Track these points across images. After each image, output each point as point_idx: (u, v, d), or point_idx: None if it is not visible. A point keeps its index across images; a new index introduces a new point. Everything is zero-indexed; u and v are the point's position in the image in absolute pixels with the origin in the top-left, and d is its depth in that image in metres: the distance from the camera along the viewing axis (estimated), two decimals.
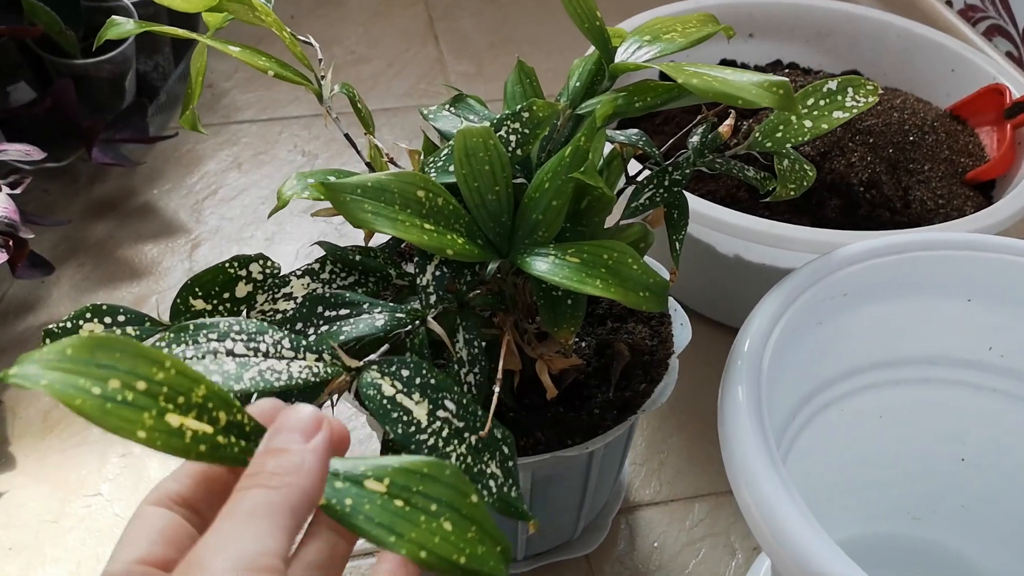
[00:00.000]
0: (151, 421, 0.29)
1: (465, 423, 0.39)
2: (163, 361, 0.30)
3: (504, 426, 0.40)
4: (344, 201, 0.41)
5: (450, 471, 0.32)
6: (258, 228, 0.91)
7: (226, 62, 1.12)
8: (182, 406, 0.30)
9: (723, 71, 0.43)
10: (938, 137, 0.79)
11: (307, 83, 0.51)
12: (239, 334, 0.37)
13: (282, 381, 0.36)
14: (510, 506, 0.38)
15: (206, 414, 0.30)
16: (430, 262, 0.44)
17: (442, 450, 0.38)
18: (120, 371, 0.29)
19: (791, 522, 0.40)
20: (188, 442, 0.30)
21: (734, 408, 0.45)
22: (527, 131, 0.47)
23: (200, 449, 0.30)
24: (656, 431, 0.74)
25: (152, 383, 0.30)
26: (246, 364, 0.36)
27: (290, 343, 0.38)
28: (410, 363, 0.39)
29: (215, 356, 0.36)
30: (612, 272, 0.43)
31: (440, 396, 0.39)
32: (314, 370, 0.37)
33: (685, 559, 0.65)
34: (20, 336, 0.79)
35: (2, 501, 0.67)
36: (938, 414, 0.58)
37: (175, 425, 0.29)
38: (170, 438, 0.29)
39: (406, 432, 0.37)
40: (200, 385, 0.31)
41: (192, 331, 0.36)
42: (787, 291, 0.50)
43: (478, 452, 0.39)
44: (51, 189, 0.93)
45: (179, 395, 0.30)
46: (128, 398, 0.29)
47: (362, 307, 0.43)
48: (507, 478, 0.39)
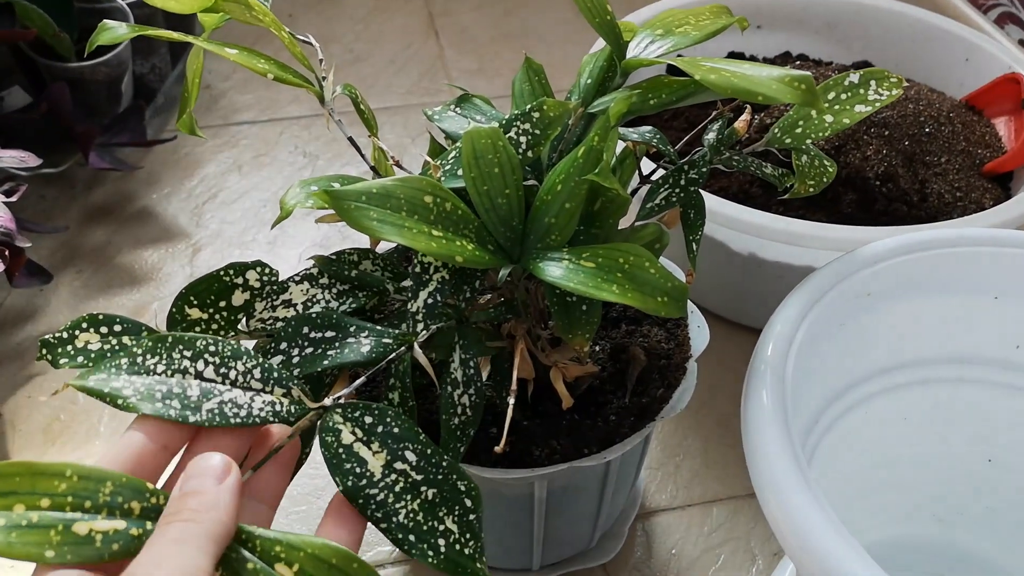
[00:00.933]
0: (58, 537, 0.30)
1: (424, 475, 0.38)
2: (63, 471, 0.31)
3: (468, 478, 0.38)
4: (348, 209, 0.39)
5: (357, 564, 0.33)
6: (260, 232, 0.90)
7: (224, 62, 1.11)
8: (90, 510, 0.31)
9: (741, 66, 0.42)
10: (954, 128, 0.77)
11: (308, 85, 0.49)
12: (213, 355, 0.37)
13: (239, 418, 0.36)
14: (459, 566, 0.37)
15: (117, 509, 0.31)
16: (424, 287, 0.43)
17: (391, 506, 0.37)
18: (22, 494, 0.30)
19: (819, 529, 0.39)
20: (99, 546, 0.30)
21: (759, 413, 0.43)
22: (538, 132, 0.45)
23: (113, 548, 0.31)
24: (671, 434, 0.72)
25: (55, 497, 0.30)
26: (210, 392, 0.36)
27: (260, 373, 0.38)
28: (375, 410, 0.38)
29: (183, 376, 0.36)
30: (629, 277, 0.41)
31: (401, 446, 0.38)
32: (276, 408, 0.37)
33: (704, 566, 0.64)
34: (19, 347, 0.77)
35: None
36: (965, 415, 0.56)
37: (83, 533, 0.30)
38: (80, 548, 0.30)
39: (356, 485, 0.37)
40: (106, 483, 0.32)
41: (169, 344, 0.37)
42: (810, 292, 0.49)
43: (432, 507, 0.37)
44: (47, 195, 0.92)
45: (85, 500, 0.31)
46: (33, 520, 0.30)
47: (348, 331, 0.42)
48: (464, 533, 0.37)
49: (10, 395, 0.73)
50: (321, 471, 0.68)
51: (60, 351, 0.43)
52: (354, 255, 0.47)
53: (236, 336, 0.45)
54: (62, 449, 0.69)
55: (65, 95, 0.84)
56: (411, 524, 0.37)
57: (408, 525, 0.37)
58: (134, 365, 0.36)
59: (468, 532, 0.37)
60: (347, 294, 0.46)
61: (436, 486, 0.38)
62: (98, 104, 0.91)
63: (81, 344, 0.43)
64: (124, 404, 0.34)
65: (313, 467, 0.69)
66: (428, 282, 0.42)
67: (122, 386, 0.35)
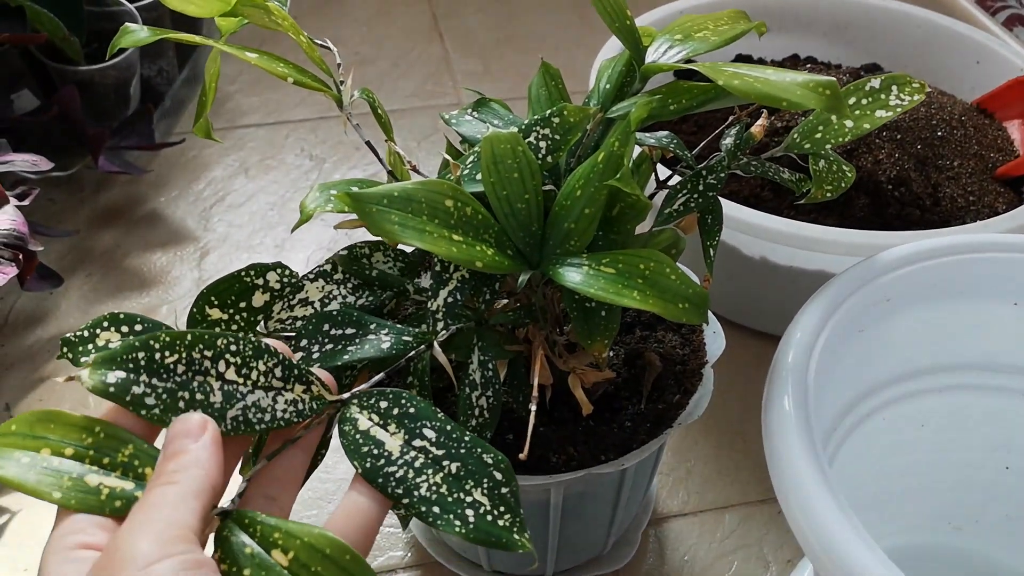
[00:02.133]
0: (69, 482, 0.32)
1: (445, 450, 0.37)
2: (93, 427, 0.34)
3: (495, 452, 0.38)
4: (370, 212, 0.39)
5: (350, 556, 0.33)
6: (267, 235, 0.90)
7: (229, 65, 1.10)
8: (107, 466, 0.33)
9: (764, 71, 0.42)
10: (966, 132, 0.77)
11: (327, 90, 0.49)
12: (234, 356, 0.37)
13: (264, 423, 0.36)
14: (491, 536, 0.36)
15: (131, 471, 0.34)
16: (444, 286, 0.42)
17: (412, 481, 0.36)
18: (51, 440, 0.33)
19: (842, 533, 0.39)
20: (103, 499, 0.33)
21: (781, 419, 0.43)
22: (558, 137, 0.45)
23: (115, 505, 0.33)
24: (682, 439, 0.72)
25: (79, 448, 0.33)
26: (232, 397, 0.36)
27: (282, 371, 0.37)
28: (389, 394, 0.38)
29: (204, 377, 0.36)
30: (649, 283, 0.41)
31: (418, 425, 0.38)
32: (298, 406, 0.37)
33: (717, 572, 0.64)
34: (29, 349, 0.77)
35: (16, 521, 0.65)
36: (983, 422, 0.56)
37: (93, 484, 0.33)
38: (85, 496, 0.32)
39: (374, 466, 0.37)
40: (127, 445, 0.34)
41: (189, 342, 0.36)
42: (829, 298, 0.48)
43: (458, 480, 0.37)
44: (57, 198, 0.91)
45: (104, 456, 0.34)
46: (53, 464, 0.33)
47: (369, 328, 0.42)
48: (497, 506, 0.36)
49: (22, 398, 0.73)
50: (332, 474, 0.68)
51: (81, 350, 0.43)
52: (365, 248, 0.47)
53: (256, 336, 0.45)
54: None
55: (75, 98, 0.84)
56: (434, 496, 0.36)
57: (431, 498, 0.36)
58: (152, 362, 0.35)
59: (502, 505, 0.37)
60: (362, 288, 0.46)
61: (459, 460, 0.37)
62: (107, 107, 0.91)
63: (102, 343, 0.43)
64: (149, 415, 0.34)
65: (324, 471, 0.69)
66: (448, 281, 0.42)
67: (143, 392, 0.34)
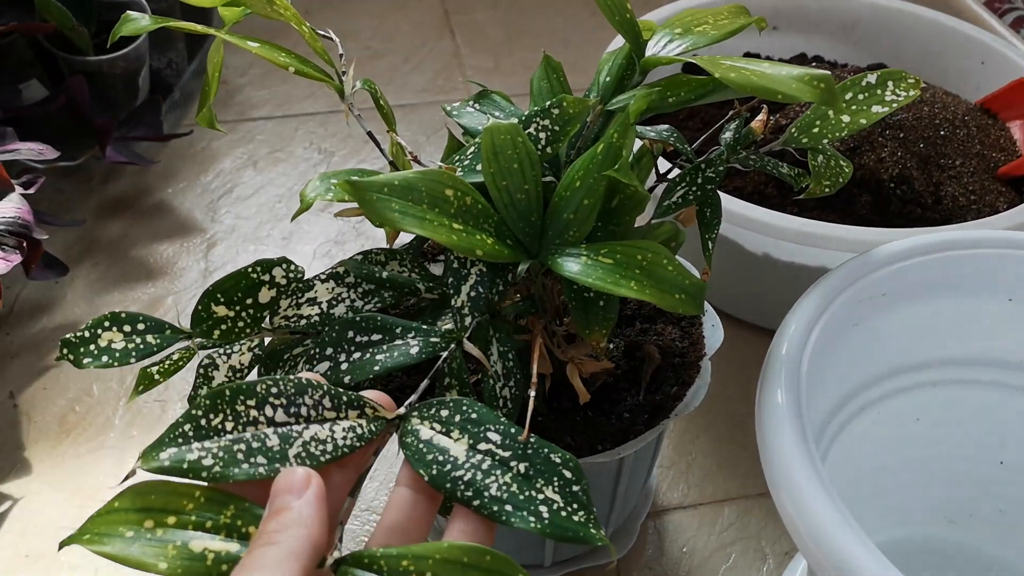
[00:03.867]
0: (174, 551, 0.32)
1: (512, 452, 0.37)
2: (193, 492, 0.33)
3: (562, 451, 0.37)
4: (371, 200, 0.40)
5: (490, 556, 0.32)
6: (275, 227, 0.90)
7: (240, 57, 1.11)
8: (211, 529, 0.33)
9: (760, 64, 0.42)
10: (969, 131, 0.77)
11: (328, 79, 0.49)
12: (278, 397, 0.36)
13: (328, 455, 0.36)
14: (567, 531, 0.36)
15: (235, 532, 0.33)
16: (464, 282, 0.43)
17: (480, 483, 0.36)
18: (154, 511, 0.32)
19: (833, 526, 0.39)
20: (210, 564, 0.32)
21: (774, 412, 0.44)
22: (557, 128, 0.46)
23: (222, 569, 0.32)
24: (683, 433, 0.72)
25: (181, 515, 0.33)
26: (288, 437, 0.35)
27: (331, 402, 0.37)
28: (449, 403, 0.38)
29: (256, 427, 0.35)
30: (647, 273, 0.41)
31: (482, 429, 0.38)
32: (358, 431, 0.37)
33: (715, 564, 0.64)
34: (34, 338, 0.78)
35: (18, 507, 0.66)
36: (977, 417, 0.56)
37: (197, 550, 0.32)
38: (192, 563, 0.32)
39: (441, 472, 0.36)
40: (229, 506, 0.33)
41: (228, 398, 0.35)
42: (825, 291, 0.49)
43: (527, 479, 0.36)
44: (64, 188, 0.92)
45: (207, 520, 0.33)
46: (157, 535, 0.32)
47: (395, 332, 0.42)
48: (570, 503, 0.36)
49: (26, 386, 0.74)
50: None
51: (83, 351, 0.43)
52: (381, 255, 0.47)
53: (260, 333, 0.45)
54: (76, 441, 0.70)
55: (83, 89, 0.84)
56: (505, 496, 0.36)
57: (502, 497, 0.36)
58: (200, 429, 0.34)
59: (575, 502, 0.36)
60: (373, 293, 0.46)
61: (527, 460, 0.37)
62: (115, 98, 0.92)
63: (104, 343, 0.43)
64: (211, 475, 0.34)
65: None
66: (467, 276, 0.43)
67: (198, 456, 0.34)
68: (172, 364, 0.45)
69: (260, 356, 0.46)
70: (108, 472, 0.68)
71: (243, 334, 0.44)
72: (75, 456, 0.69)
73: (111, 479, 0.67)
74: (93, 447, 0.70)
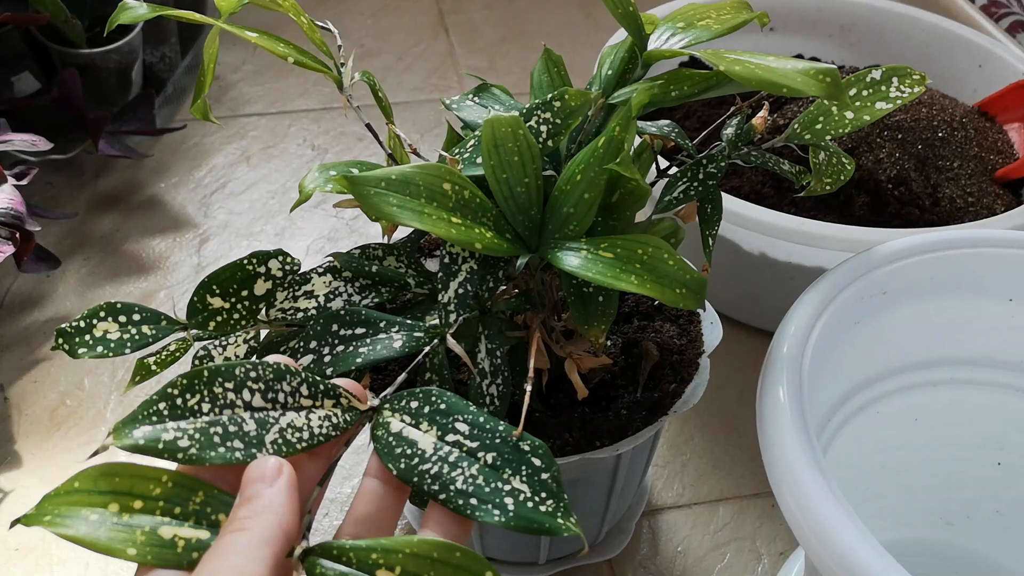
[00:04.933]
0: (142, 537, 0.31)
1: (480, 442, 0.36)
2: (160, 476, 0.32)
3: (533, 436, 0.37)
4: (368, 194, 0.39)
5: (459, 553, 0.32)
6: (267, 223, 0.90)
7: (233, 54, 1.10)
8: (179, 516, 0.32)
9: (765, 58, 0.42)
10: (967, 134, 0.77)
11: (327, 71, 0.49)
12: (256, 382, 0.35)
13: (304, 443, 0.35)
14: (532, 522, 0.35)
15: (204, 519, 0.32)
16: (454, 278, 0.42)
17: (447, 476, 0.35)
18: (119, 494, 0.31)
19: (834, 520, 0.39)
20: (180, 551, 0.31)
21: (775, 409, 0.43)
22: (559, 121, 0.45)
23: (193, 556, 0.31)
24: (678, 433, 0.72)
25: (148, 500, 0.32)
26: (265, 423, 0.35)
27: (308, 389, 0.36)
28: (419, 393, 0.38)
29: (233, 411, 0.35)
30: (647, 268, 0.41)
31: (450, 420, 0.37)
32: (333, 420, 0.36)
33: (710, 564, 0.64)
34: (25, 331, 0.77)
35: (8, 501, 0.65)
36: (976, 417, 0.56)
37: (167, 537, 0.31)
38: (161, 550, 0.31)
39: (408, 466, 0.36)
40: (198, 492, 0.33)
41: (206, 379, 0.35)
42: (826, 289, 0.49)
43: (494, 470, 0.36)
44: (56, 182, 0.91)
45: (176, 506, 0.32)
46: (124, 519, 0.31)
47: (379, 326, 0.41)
48: (537, 492, 0.35)
49: (16, 379, 0.73)
50: None
51: (78, 340, 0.43)
52: (379, 250, 0.47)
53: (256, 326, 0.44)
54: (67, 434, 0.69)
55: (76, 82, 0.84)
56: (471, 488, 0.35)
57: (467, 490, 0.35)
58: (175, 408, 0.34)
59: (543, 491, 0.35)
60: (370, 288, 0.45)
61: (495, 450, 0.36)
62: (108, 92, 0.91)
63: (100, 333, 0.43)
64: (186, 457, 0.33)
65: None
66: (457, 272, 0.42)
67: (174, 436, 0.33)
68: (169, 355, 0.44)
69: (256, 348, 0.45)
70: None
71: (239, 326, 0.44)
72: (66, 450, 0.68)
73: None
74: (84, 441, 0.69)
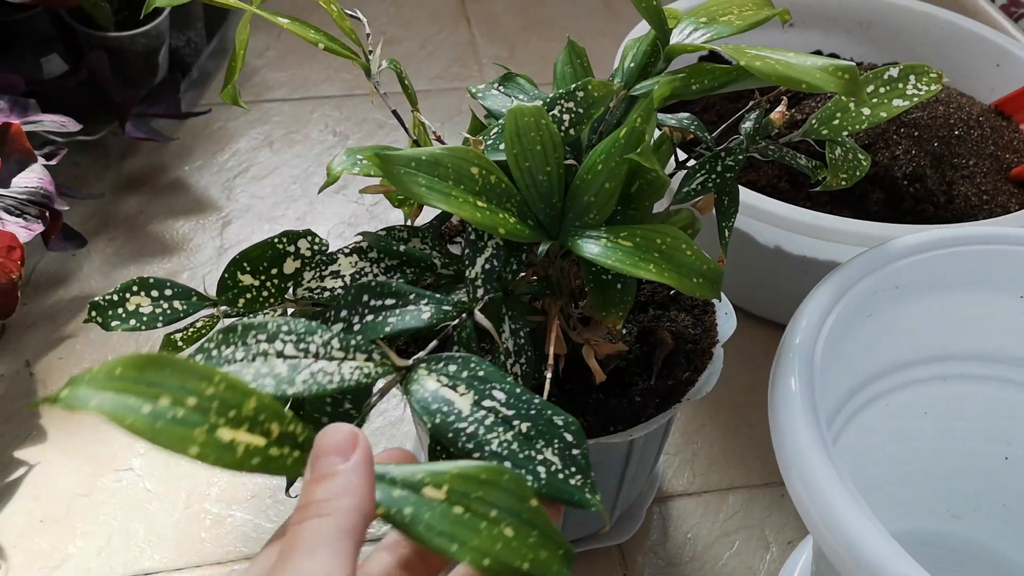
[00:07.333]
0: (203, 437, 0.29)
1: (516, 411, 0.37)
2: (212, 376, 0.31)
3: (565, 414, 0.37)
4: (398, 174, 0.40)
5: (508, 476, 0.32)
6: (289, 207, 0.91)
7: (257, 39, 1.11)
8: (233, 420, 0.30)
9: (785, 54, 0.42)
10: (983, 132, 0.78)
11: (355, 57, 0.50)
12: (288, 335, 0.36)
13: (334, 383, 0.35)
14: (562, 492, 0.36)
15: (258, 427, 0.31)
16: (480, 254, 0.43)
17: (482, 437, 0.36)
18: (170, 388, 0.29)
19: (844, 507, 0.40)
20: (240, 456, 0.30)
21: (787, 398, 0.44)
22: (581, 111, 0.46)
23: (253, 463, 0.30)
24: (690, 421, 0.73)
25: (202, 398, 0.30)
26: (297, 367, 0.35)
27: (339, 343, 0.37)
28: (458, 358, 0.38)
29: (265, 358, 0.35)
30: (665, 257, 0.42)
31: (488, 387, 0.38)
32: (364, 371, 0.37)
33: (719, 551, 0.65)
34: (51, 308, 0.78)
35: (33, 474, 0.66)
36: (984, 412, 0.57)
37: (226, 440, 0.30)
38: (222, 453, 0.30)
39: (444, 421, 0.36)
40: (251, 398, 0.31)
41: (240, 332, 0.35)
42: (839, 282, 0.49)
43: (528, 439, 0.37)
44: (82, 163, 0.93)
45: (230, 409, 0.30)
46: (179, 415, 0.29)
47: (408, 298, 0.42)
48: (568, 466, 0.36)
49: (42, 355, 0.75)
50: None
51: (111, 314, 0.44)
52: (403, 232, 0.48)
53: (284, 304, 0.46)
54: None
55: (104, 64, 0.85)
56: (505, 452, 0.35)
57: (502, 453, 0.35)
58: (210, 359, 0.34)
59: (573, 466, 0.36)
60: (395, 269, 0.46)
61: (530, 420, 0.37)
62: (135, 75, 0.92)
63: (132, 307, 0.44)
64: None
65: None
66: (484, 248, 0.43)
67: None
68: (195, 331, 0.46)
69: None
70: (122, 442, 0.69)
71: (267, 304, 0.45)
72: (90, 424, 0.70)
73: (125, 449, 0.68)
74: None
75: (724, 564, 0.64)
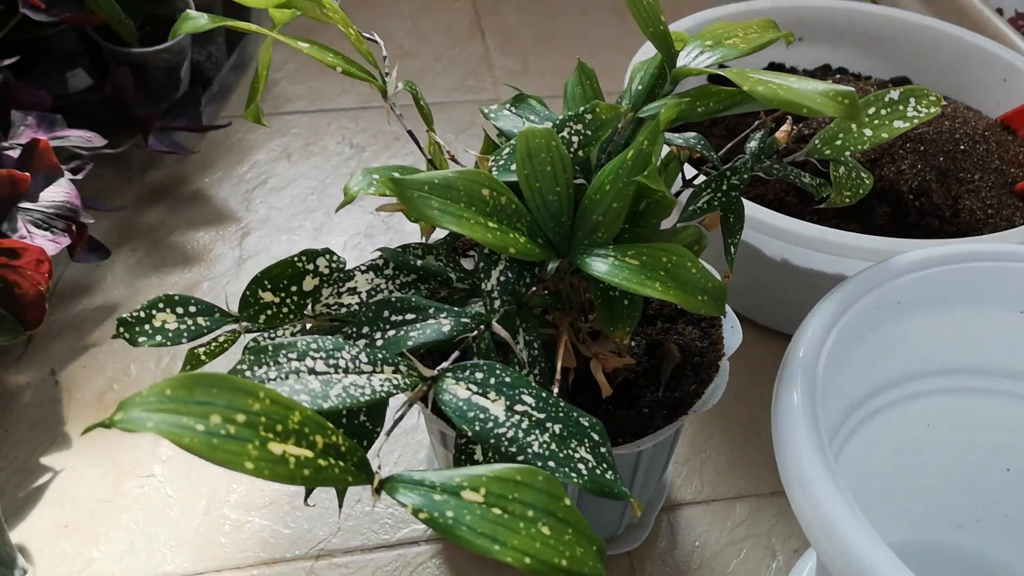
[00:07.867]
0: (256, 452, 0.30)
1: (546, 414, 0.39)
2: (257, 392, 0.32)
3: (588, 415, 0.39)
4: (412, 197, 0.42)
5: (542, 477, 0.33)
6: (307, 218, 0.93)
7: (276, 53, 1.14)
8: (281, 434, 0.31)
9: (788, 79, 0.44)
10: (989, 147, 0.79)
11: (372, 80, 0.52)
12: (318, 352, 0.38)
13: (367, 396, 0.37)
14: (604, 486, 0.38)
15: (304, 439, 0.32)
16: (495, 267, 0.45)
17: (523, 440, 0.38)
18: (219, 406, 0.30)
19: (845, 522, 0.41)
20: (292, 468, 0.31)
21: (789, 412, 0.46)
22: (589, 133, 0.48)
23: (304, 474, 0.31)
24: (698, 431, 0.75)
25: (250, 414, 0.31)
26: (329, 382, 0.37)
27: (367, 357, 0.39)
28: (483, 366, 0.40)
29: (298, 376, 0.37)
30: (671, 275, 0.43)
31: (516, 392, 0.39)
32: (393, 382, 0.38)
33: (726, 559, 0.66)
34: (76, 318, 0.80)
35: (58, 480, 0.68)
36: (987, 425, 0.58)
37: (278, 453, 0.31)
38: (275, 466, 0.30)
39: (484, 428, 0.38)
40: (294, 412, 0.32)
41: (271, 352, 0.37)
42: (842, 297, 0.51)
43: (563, 440, 0.38)
44: (105, 175, 0.95)
45: (276, 423, 0.31)
46: (231, 431, 0.30)
47: (428, 312, 0.44)
48: (600, 463, 0.38)
49: (67, 364, 0.77)
50: None
51: (138, 330, 0.46)
52: (419, 249, 0.50)
53: (303, 319, 0.47)
54: None
55: (128, 79, 0.87)
56: (547, 453, 0.37)
57: (544, 454, 0.37)
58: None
59: (604, 462, 0.38)
60: (410, 285, 0.48)
61: (560, 422, 0.38)
62: (158, 89, 0.95)
63: (159, 323, 0.46)
64: None
65: None
66: (498, 262, 0.45)
67: None
68: (218, 346, 0.47)
69: None
70: (144, 449, 0.71)
71: (287, 320, 0.47)
72: (114, 432, 0.72)
73: (147, 456, 0.70)
74: None
75: (731, 572, 0.65)
